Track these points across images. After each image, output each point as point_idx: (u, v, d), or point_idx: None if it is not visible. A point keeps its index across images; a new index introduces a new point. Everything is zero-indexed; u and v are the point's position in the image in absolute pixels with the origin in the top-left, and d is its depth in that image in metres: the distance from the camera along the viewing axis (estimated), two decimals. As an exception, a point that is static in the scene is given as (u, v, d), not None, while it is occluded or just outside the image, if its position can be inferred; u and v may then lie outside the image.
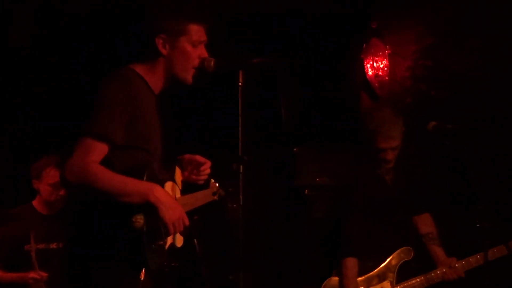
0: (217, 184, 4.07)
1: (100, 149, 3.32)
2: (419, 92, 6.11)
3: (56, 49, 6.40)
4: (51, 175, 5.19)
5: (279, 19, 6.82)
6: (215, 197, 4.06)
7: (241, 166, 3.61)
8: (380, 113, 5.22)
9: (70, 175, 3.28)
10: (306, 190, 6.24)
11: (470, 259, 4.87)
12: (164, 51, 3.55)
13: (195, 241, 4.16)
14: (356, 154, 5.35)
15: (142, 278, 3.43)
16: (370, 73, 6.70)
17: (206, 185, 4.02)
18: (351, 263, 5.01)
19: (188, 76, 3.60)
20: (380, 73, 6.67)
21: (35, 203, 5.37)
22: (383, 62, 6.66)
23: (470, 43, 5.83)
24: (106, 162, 3.33)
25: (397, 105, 6.22)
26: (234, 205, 3.66)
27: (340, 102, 6.88)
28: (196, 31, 3.59)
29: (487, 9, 5.62)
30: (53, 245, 5.19)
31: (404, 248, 5.01)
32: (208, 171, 3.90)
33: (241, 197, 3.59)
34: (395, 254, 5.00)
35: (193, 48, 3.59)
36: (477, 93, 5.67)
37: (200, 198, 3.97)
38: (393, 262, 5.00)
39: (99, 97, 3.39)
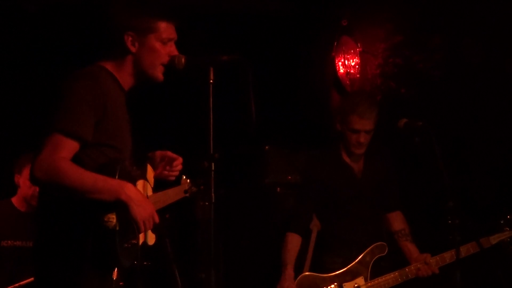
0: (188, 181, 4.07)
1: (70, 146, 3.28)
2: (389, 90, 6.10)
3: (21, 46, 6.41)
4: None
5: (251, 18, 6.86)
6: (187, 194, 4.06)
7: (212, 164, 3.58)
8: (358, 94, 5.29)
9: (39, 172, 3.24)
10: (278, 188, 6.29)
11: (445, 255, 4.82)
12: (132, 49, 3.54)
13: (167, 240, 4.14)
14: (325, 149, 5.31)
15: (114, 278, 3.46)
16: (341, 71, 6.74)
17: (177, 182, 4.03)
18: (291, 237, 5.04)
19: (158, 73, 3.60)
20: (351, 71, 6.70)
21: (14, 199, 5.39)
22: (354, 60, 6.67)
23: (435, 41, 5.84)
24: (76, 160, 3.30)
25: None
26: (206, 203, 3.64)
27: (311, 100, 6.92)
28: (165, 29, 3.59)
29: (452, 8, 5.62)
30: (29, 243, 5.13)
31: (378, 243, 4.96)
32: (180, 167, 3.90)
33: (212, 194, 3.56)
34: (368, 250, 4.94)
35: (162, 45, 3.59)
36: (443, 90, 5.67)
37: (172, 195, 3.98)
38: (367, 258, 4.94)
39: (68, 94, 3.35)
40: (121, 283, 3.84)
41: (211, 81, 3.64)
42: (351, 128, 4.93)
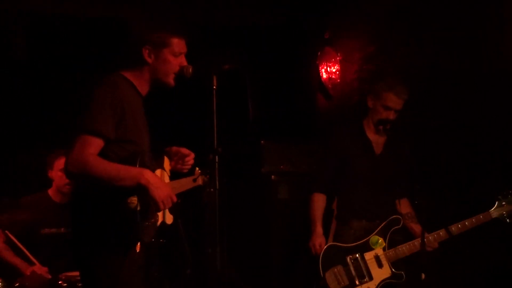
0: (200, 171, 4.05)
1: (96, 143, 3.32)
2: (364, 92, 5.82)
3: (55, 57, 6.37)
4: (61, 162, 5.04)
5: (249, 32, 6.86)
6: (200, 183, 4.02)
7: (216, 157, 3.63)
8: (396, 78, 5.01)
9: (72, 168, 3.31)
10: (272, 176, 6.26)
11: (440, 233, 4.61)
12: (149, 60, 3.56)
13: (179, 220, 4.17)
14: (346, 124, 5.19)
15: (137, 250, 3.45)
16: (324, 76, 6.75)
17: (191, 173, 4.00)
18: (317, 197, 4.93)
19: (170, 80, 3.61)
20: (333, 77, 6.70)
21: (50, 191, 5.30)
22: (335, 67, 6.68)
23: (402, 50, 5.82)
24: (102, 154, 3.34)
25: (346, 103, 6.32)
26: (211, 189, 3.66)
27: (299, 102, 6.95)
28: (177, 44, 3.60)
29: (416, 23, 5.64)
30: (63, 230, 5.15)
31: (394, 216, 4.78)
32: (191, 161, 3.89)
33: (217, 182, 3.60)
34: (386, 222, 4.76)
35: (174, 57, 3.61)
36: (422, 94, 5.49)
37: (185, 184, 3.96)
38: (385, 230, 4.76)
39: (94, 99, 3.39)
40: (142, 257, 3.85)
41: (214, 87, 3.65)
42: (385, 105, 4.78)
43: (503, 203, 4.58)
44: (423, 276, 4.59)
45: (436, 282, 5.02)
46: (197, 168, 4.00)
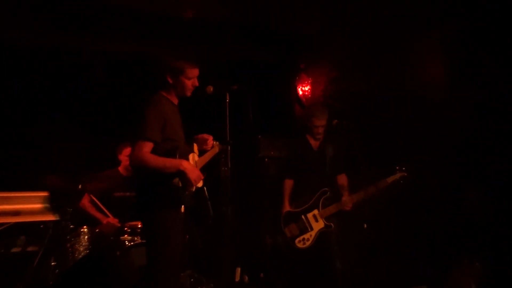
0: (215, 142, 3.94)
1: (148, 146, 3.38)
2: (329, 104, 6.02)
3: (119, 81, 6.36)
4: (127, 150, 5.15)
5: (249, 63, 6.84)
6: (217, 150, 3.91)
7: (228, 146, 3.82)
8: (316, 107, 5.16)
9: (133, 163, 3.46)
10: (266, 159, 6.29)
11: (353, 196, 4.67)
12: (172, 82, 3.58)
13: (204, 188, 4.29)
14: (296, 137, 5.20)
15: (182, 211, 3.55)
16: (300, 93, 6.76)
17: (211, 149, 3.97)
18: (287, 182, 5.02)
19: (187, 95, 3.62)
20: (306, 93, 6.72)
21: (119, 168, 5.35)
22: (307, 87, 6.71)
23: (357, 75, 5.85)
24: (153, 151, 3.40)
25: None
26: (225, 168, 3.82)
27: (283, 109, 6.95)
28: (190, 71, 3.59)
29: (368, 53, 5.69)
30: (128, 194, 5.18)
31: (323, 189, 4.83)
32: (211, 142, 3.87)
33: (229, 163, 3.77)
34: (318, 193, 4.82)
35: (188, 80, 3.59)
36: (361, 103, 5.67)
37: (209, 155, 3.93)
38: (318, 198, 4.82)
39: (145, 114, 3.42)
40: (184, 216, 3.81)
41: (227, 100, 3.82)
42: (313, 125, 4.91)
43: (397, 173, 4.64)
44: (365, 226, 4.88)
45: (374, 231, 5.09)
46: (214, 142, 3.92)
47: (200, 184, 3.71)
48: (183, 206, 3.51)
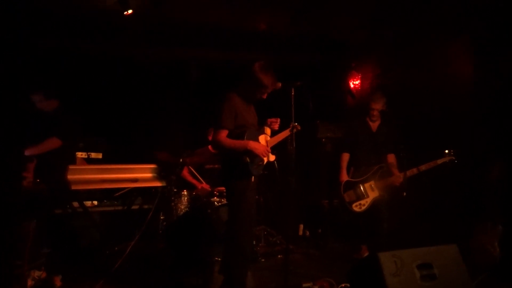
0: (292, 124, 3.71)
1: (223, 132, 3.35)
2: (374, 94, 5.54)
3: (207, 83, 6.41)
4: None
5: (311, 64, 6.73)
6: (293, 131, 3.68)
7: (294, 129, 3.66)
8: (375, 93, 4.93)
9: (214, 145, 3.44)
10: (323, 139, 6.17)
11: (407, 172, 4.41)
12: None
13: (275, 162, 4.21)
14: (355, 119, 4.97)
15: (252, 180, 3.46)
16: (351, 86, 6.60)
17: (286, 127, 3.76)
18: (344, 155, 4.84)
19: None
20: (356, 86, 6.56)
21: (209, 147, 5.17)
22: (357, 81, 6.55)
23: (396, 72, 5.66)
24: (228, 135, 3.38)
25: (363, 100, 6.10)
26: (292, 147, 3.68)
27: (337, 100, 6.80)
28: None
29: (405, 54, 5.43)
30: (216, 166, 5.12)
31: (380, 164, 4.66)
32: (278, 123, 3.70)
33: (294, 143, 3.65)
34: (375, 167, 4.64)
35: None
36: (397, 91, 5.35)
37: (282, 135, 3.77)
38: (374, 171, 4.64)
39: (221, 108, 3.37)
40: (254, 184, 3.60)
41: (293, 93, 3.64)
42: (370, 107, 4.72)
43: (446, 156, 4.41)
44: (404, 194, 4.70)
45: (412, 199, 4.81)
46: (291, 124, 3.71)
47: (272, 159, 3.64)
48: (253, 176, 3.44)
